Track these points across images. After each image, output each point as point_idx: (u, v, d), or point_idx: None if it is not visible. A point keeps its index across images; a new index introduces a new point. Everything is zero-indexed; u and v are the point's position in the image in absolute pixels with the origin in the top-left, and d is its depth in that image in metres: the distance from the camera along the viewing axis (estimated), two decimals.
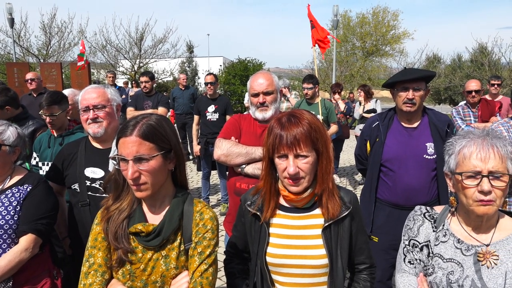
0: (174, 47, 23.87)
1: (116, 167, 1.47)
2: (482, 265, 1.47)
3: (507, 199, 2.89)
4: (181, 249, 1.51)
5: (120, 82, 14.59)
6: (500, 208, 1.49)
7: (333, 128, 5.80)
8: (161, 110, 5.98)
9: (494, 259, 1.47)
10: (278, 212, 1.62)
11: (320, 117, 5.54)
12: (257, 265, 1.63)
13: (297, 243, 1.57)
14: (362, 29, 26.34)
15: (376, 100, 7.13)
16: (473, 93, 5.12)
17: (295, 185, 1.51)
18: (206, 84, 5.95)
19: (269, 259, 1.59)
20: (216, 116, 5.81)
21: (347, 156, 10.05)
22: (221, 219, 5.58)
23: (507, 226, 1.53)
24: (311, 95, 5.68)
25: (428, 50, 29.20)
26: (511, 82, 16.66)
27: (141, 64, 23.33)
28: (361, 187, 4.74)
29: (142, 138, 1.42)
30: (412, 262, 1.61)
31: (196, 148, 5.91)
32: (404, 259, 1.63)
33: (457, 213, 1.60)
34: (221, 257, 1.90)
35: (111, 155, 1.58)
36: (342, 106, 7.52)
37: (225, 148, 2.46)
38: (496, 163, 1.41)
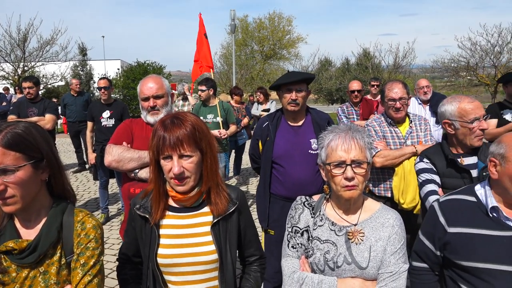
0: (64, 50, 22.07)
1: None
2: (352, 242, 1.68)
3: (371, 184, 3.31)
4: (62, 262, 1.44)
5: None
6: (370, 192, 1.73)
7: (232, 128, 5.95)
8: (48, 117, 5.55)
9: (361, 236, 1.69)
10: (168, 213, 1.65)
11: (219, 118, 5.65)
12: (149, 268, 1.64)
13: (187, 242, 1.61)
14: (260, 33, 27.38)
15: (272, 101, 7.50)
16: (356, 93, 5.68)
17: (181, 185, 1.55)
18: (99, 89, 5.70)
19: (160, 260, 1.61)
20: (112, 122, 5.59)
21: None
22: (105, 227, 5.40)
23: (371, 207, 1.77)
24: (205, 98, 5.76)
25: (320, 54, 31.47)
26: None
27: (25, 68, 21.14)
28: None
29: (6, 147, 1.32)
30: (294, 246, 1.77)
31: (92, 156, 5.61)
32: (288, 244, 1.79)
33: (330, 200, 1.80)
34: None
35: None
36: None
37: (116, 154, 2.41)
38: (357, 153, 1.63)
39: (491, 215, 1.71)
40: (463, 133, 2.39)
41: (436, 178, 2.45)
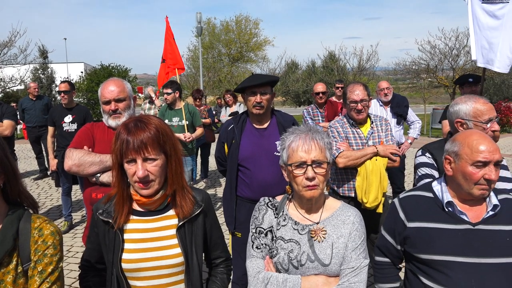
0: (23, 52, 21.21)
1: None
2: (314, 240, 1.73)
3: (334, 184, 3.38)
4: (19, 271, 1.41)
5: None
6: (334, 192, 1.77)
7: (198, 131, 5.93)
8: (6, 123, 5.33)
9: (323, 234, 1.74)
10: (132, 217, 1.64)
11: (184, 122, 5.62)
12: (113, 274, 1.62)
13: (152, 246, 1.60)
14: (227, 36, 27.36)
15: (240, 104, 7.52)
16: (320, 95, 5.80)
17: (145, 188, 1.54)
18: (59, 93, 5.55)
19: (124, 266, 1.59)
20: (75, 126, 5.46)
21: None
22: (66, 236, 5.26)
23: (332, 205, 1.82)
24: (171, 101, 5.71)
25: (287, 57, 31.88)
26: None
27: None
28: None
29: None
30: (259, 247, 1.79)
31: (53, 162, 5.45)
32: (252, 245, 1.81)
33: (293, 200, 1.84)
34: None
35: None
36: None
37: (76, 158, 2.36)
38: (317, 153, 1.67)
39: (446, 210, 1.80)
40: None
41: (436, 174, 2.44)
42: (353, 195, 3.25)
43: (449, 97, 19.81)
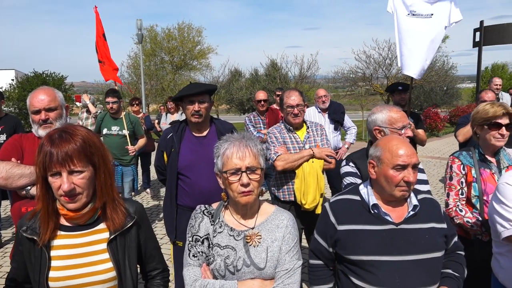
0: None
1: None
2: (250, 245, 1.77)
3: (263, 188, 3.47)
4: None
5: None
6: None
7: (141, 141, 5.80)
8: None
9: (258, 239, 1.78)
10: (59, 233, 1.57)
11: (125, 131, 5.47)
12: None
13: (82, 261, 1.55)
14: (170, 43, 26.95)
15: (182, 113, 7.46)
16: (262, 102, 5.92)
17: (72, 202, 1.49)
18: None
19: (52, 284, 1.52)
20: (4, 137, 5.12)
21: None
22: None
23: (267, 210, 1.88)
24: (117, 109, 5.56)
25: (230, 65, 32.02)
26: None
27: None
28: None
29: None
30: (195, 255, 1.80)
31: None
32: (189, 254, 1.81)
33: (229, 206, 1.87)
34: None
35: None
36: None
37: (3, 171, 2.24)
38: (251, 160, 1.72)
39: (372, 212, 1.91)
40: None
41: (359, 181, 2.55)
42: (293, 199, 3.35)
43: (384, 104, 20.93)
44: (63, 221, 1.59)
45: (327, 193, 5.08)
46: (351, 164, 2.67)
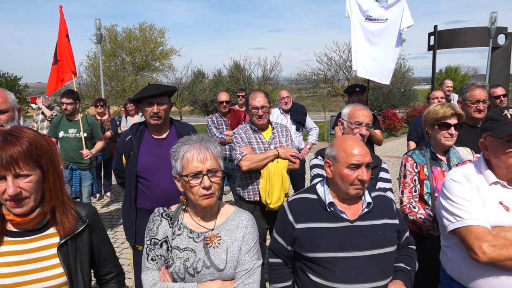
0: None
1: None
2: (210, 247, 1.76)
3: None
4: None
5: None
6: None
7: (99, 144, 5.64)
8: None
9: (218, 240, 1.78)
10: (6, 239, 1.50)
11: (82, 134, 5.30)
12: None
13: (30, 268, 1.49)
14: (131, 44, 26.36)
15: (142, 115, 7.30)
16: (224, 103, 5.90)
17: (18, 207, 1.43)
18: None
19: None
20: None
21: None
22: None
23: (226, 211, 1.88)
24: (71, 111, 5.38)
25: (193, 66, 31.74)
26: None
27: None
28: None
29: None
30: (154, 259, 1.77)
31: None
32: (147, 257, 1.78)
33: (188, 208, 1.86)
34: None
35: None
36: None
37: None
38: (212, 162, 1.71)
39: (329, 210, 1.96)
40: (347, 132, 2.78)
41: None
42: (258, 199, 3.36)
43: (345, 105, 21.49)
44: (10, 227, 1.52)
45: (291, 193, 5.16)
46: (319, 157, 2.84)
